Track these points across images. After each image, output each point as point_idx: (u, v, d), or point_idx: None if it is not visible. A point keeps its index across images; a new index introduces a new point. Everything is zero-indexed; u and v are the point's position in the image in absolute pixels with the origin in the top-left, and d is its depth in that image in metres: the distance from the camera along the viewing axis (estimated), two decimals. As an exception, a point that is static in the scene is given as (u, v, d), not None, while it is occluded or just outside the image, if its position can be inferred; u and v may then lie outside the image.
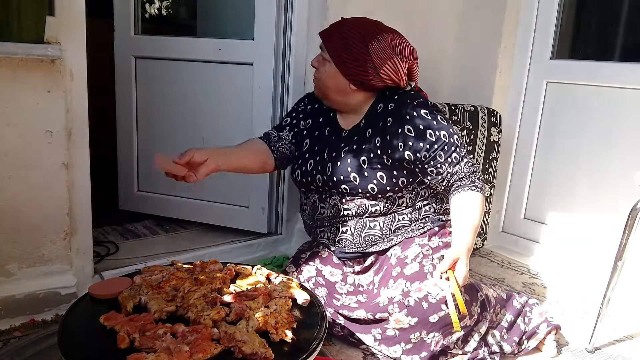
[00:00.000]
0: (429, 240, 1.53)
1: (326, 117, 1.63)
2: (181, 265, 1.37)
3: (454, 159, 1.45)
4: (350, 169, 1.50)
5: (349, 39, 1.46)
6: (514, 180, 2.40)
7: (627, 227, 1.49)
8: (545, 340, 1.53)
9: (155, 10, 3.44)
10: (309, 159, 1.59)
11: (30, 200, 1.48)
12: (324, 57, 1.50)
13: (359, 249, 1.56)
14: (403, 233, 1.55)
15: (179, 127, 2.19)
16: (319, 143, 1.60)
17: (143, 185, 2.31)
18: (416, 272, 1.45)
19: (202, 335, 1.03)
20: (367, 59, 1.45)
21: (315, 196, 1.59)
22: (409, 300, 1.37)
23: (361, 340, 1.45)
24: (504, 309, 1.53)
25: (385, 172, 1.48)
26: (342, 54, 1.46)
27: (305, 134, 1.65)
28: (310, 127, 1.65)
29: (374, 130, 1.51)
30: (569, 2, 2.23)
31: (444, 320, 1.35)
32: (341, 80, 1.49)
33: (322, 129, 1.62)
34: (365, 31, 1.46)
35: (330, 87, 1.51)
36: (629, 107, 2.01)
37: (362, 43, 1.45)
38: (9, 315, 1.49)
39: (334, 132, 1.59)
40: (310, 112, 1.67)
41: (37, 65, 1.41)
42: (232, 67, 2.07)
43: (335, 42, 1.47)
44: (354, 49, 1.45)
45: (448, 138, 1.45)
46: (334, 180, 1.51)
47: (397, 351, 1.38)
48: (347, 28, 1.47)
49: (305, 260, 1.62)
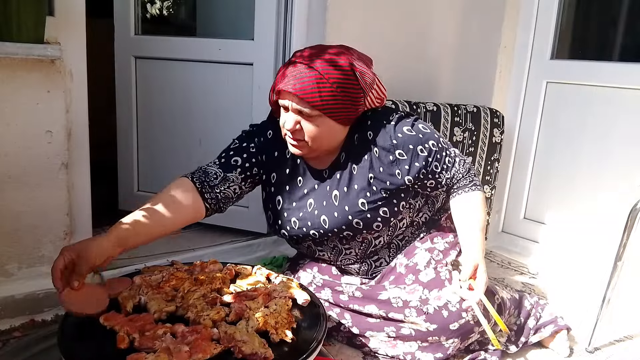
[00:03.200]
0: (433, 243, 1.50)
1: (293, 167, 1.45)
2: (181, 265, 1.37)
3: (449, 163, 1.40)
4: (351, 216, 1.39)
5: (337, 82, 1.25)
6: (514, 181, 2.40)
7: (627, 227, 1.49)
8: (555, 339, 1.53)
9: (156, 10, 3.43)
10: (290, 217, 1.44)
11: (30, 200, 1.48)
12: (307, 114, 1.27)
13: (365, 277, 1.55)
14: (400, 242, 1.53)
15: (178, 127, 2.19)
16: (296, 197, 1.45)
17: (143, 185, 2.31)
18: (433, 279, 1.41)
19: (202, 336, 1.03)
20: (358, 91, 1.30)
21: (310, 242, 1.50)
22: (428, 308, 1.35)
23: (365, 343, 1.43)
24: (517, 310, 1.52)
25: (387, 206, 1.39)
26: (336, 104, 1.27)
27: (272, 190, 1.47)
28: (279, 182, 1.46)
29: (359, 165, 1.38)
30: (569, 2, 2.23)
31: (464, 327, 1.34)
32: (336, 128, 1.33)
33: (294, 181, 1.45)
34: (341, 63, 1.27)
35: (326, 140, 1.33)
36: (629, 107, 2.01)
37: (350, 75, 1.27)
38: (9, 315, 1.49)
39: (312, 179, 1.44)
40: (272, 166, 1.46)
41: (37, 66, 1.41)
42: (232, 67, 2.07)
43: (323, 96, 1.25)
44: (347, 89, 1.28)
45: (437, 145, 1.37)
46: (335, 231, 1.42)
47: (412, 346, 1.37)
48: (321, 69, 1.25)
49: (303, 267, 1.58)
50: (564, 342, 1.52)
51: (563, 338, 1.53)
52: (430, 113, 2.04)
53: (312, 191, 1.44)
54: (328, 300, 1.47)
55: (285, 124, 1.31)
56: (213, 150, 2.16)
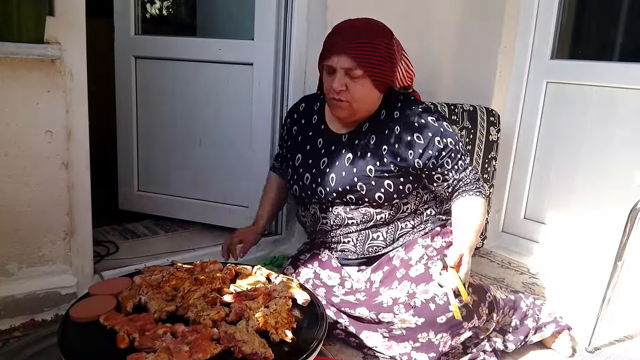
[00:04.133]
0: (432, 241, 1.53)
1: (317, 130, 1.58)
2: (181, 265, 1.37)
3: (460, 167, 1.46)
4: (357, 178, 1.46)
5: (380, 46, 1.38)
6: (514, 180, 2.40)
7: (627, 227, 1.49)
8: (558, 340, 1.53)
9: (156, 10, 3.43)
10: (304, 173, 1.55)
11: (30, 200, 1.48)
12: (353, 75, 1.38)
13: (361, 257, 1.56)
14: (405, 238, 1.55)
15: (178, 127, 2.19)
16: (313, 156, 1.55)
17: (143, 185, 2.31)
18: (421, 274, 1.44)
19: (202, 335, 1.03)
20: (394, 57, 1.42)
21: (316, 207, 1.56)
22: (415, 301, 1.37)
23: (363, 343, 1.44)
24: (512, 311, 1.52)
25: (392, 180, 1.46)
26: (379, 66, 1.39)
27: (295, 151, 1.60)
28: (300, 143, 1.60)
29: (378, 137, 1.47)
30: (569, 2, 2.23)
31: (452, 321, 1.35)
32: (373, 92, 1.43)
33: (314, 142, 1.57)
34: (380, 26, 1.43)
35: (366, 101, 1.44)
36: (629, 107, 2.01)
37: (389, 41, 1.41)
38: (9, 315, 1.49)
39: (331, 142, 1.54)
40: (298, 132, 1.62)
41: (37, 65, 1.41)
42: (232, 67, 2.07)
43: (369, 55, 1.37)
44: (387, 50, 1.39)
45: (454, 145, 1.45)
46: (339, 190, 1.48)
47: (407, 347, 1.38)
48: (370, 34, 1.38)
49: (304, 262, 1.61)
50: (567, 342, 1.53)
51: (565, 338, 1.53)
52: (430, 113, 2.04)
53: (329, 152, 1.53)
54: (324, 299, 1.49)
55: (333, 84, 1.40)
56: (213, 150, 2.17)
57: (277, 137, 2.07)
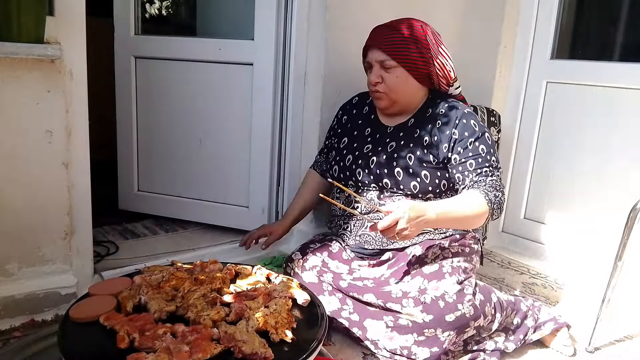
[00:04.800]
0: (449, 245, 1.53)
1: (366, 119, 1.66)
2: (181, 265, 1.37)
3: (484, 174, 1.48)
4: (396, 163, 1.52)
5: (410, 37, 1.47)
6: (514, 180, 2.40)
7: (627, 227, 1.49)
8: (556, 338, 1.53)
9: (155, 10, 3.43)
10: (347, 155, 1.62)
11: (30, 200, 1.48)
12: (387, 66, 1.49)
13: (379, 246, 1.56)
14: (425, 235, 1.55)
15: (178, 127, 2.19)
16: (359, 141, 1.63)
17: (143, 185, 2.31)
18: (435, 271, 1.45)
19: (202, 335, 1.03)
20: (427, 49, 1.48)
21: (351, 190, 1.58)
22: (425, 297, 1.37)
23: (364, 335, 1.43)
24: (514, 312, 1.53)
25: (430, 171, 1.50)
26: (409, 54, 1.47)
27: (343, 135, 1.68)
28: (349, 129, 1.68)
29: (422, 130, 1.54)
30: (569, 2, 2.23)
31: (460, 320, 1.35)
32: (411, 83, 1.51)
33: (362, 129, 1.65)
34: (414, 21, 1.52)
35: (403, 92, 1.52)
36: (629, 107, 2.01)
37: (422, 34, 1.48)
38: (9, 315, 1.48)
39: (377, 130, 1.62)
40: (347, 120, 1.71)
41: (37, 65, 1.41)
42: (232, 67, 2.07)
43: (398, 46, 1.47)
44: (418, 41, 1.47)
45: (485, 154, 1.48)
46: (377, 173, 1.54)
47: (409, 340, 1.38)
48: (400, 28, 1.48)
49: (313, 251, 1.62)
50: (566, 340, 1.53)
51: (564, 336, 1.53)
52: (430, 113, 2.04)
53: (374, 139, 1.61)
54: (331, 284, 1.51)
55: (370, 78, 1.53)
56: (213, 150, 2.17)
57: (276, 137, 2.07)
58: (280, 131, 2.07)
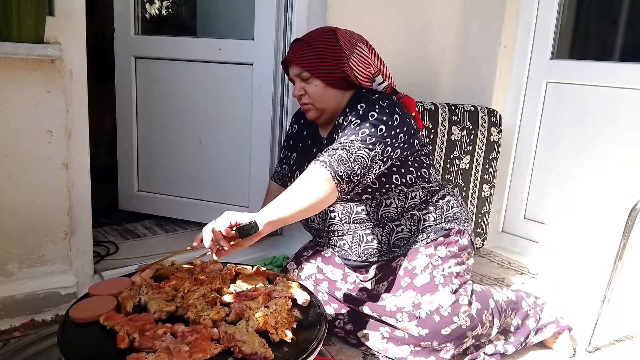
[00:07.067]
0: (436, 250, 1.51)
1: (310, 130, 1.64)
2: (181, 265, 1.37)
3: (340, 145, 1.34)
4: None
5: (319, 45, 1.45)
6: (514, 180, 2.40)
7: (627, 227, 1.49)
8: (558, 340, 1.53)
9: (155, 10, 3.43)
10: (296, 171, 1.62)
11: (30, 200, 1.48)
12: (304, 78, 1.48)
13: (360, 259, 1.56)
14: (405, 245, 1.53)
15: (178, 127, 2.19)
16: (301, 156, 1.62)
17: (143, 185, 2.31)
18: (427, 283, 1.43)
19: (202, 335, 1.02)
20: (338, 51, 1.44)
21: None
22: (420, 312, 1.36)
23: (361, 341, 1.44)
24: (514, 312, 1.52)
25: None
26: (319, 62, 1.45)
27: (293, 150, 1.67)
28: (296, 142, 1.67)
29: (342, 130, 1.45)
30: (569, 2, 2.23)
31: (456, 332, 1.34)
32: (329, 90, 1.48)
33: (306, 142, 1.64)
34: (325, 29, 1.50)
35: (327, 99, 1.49)
36: (629, 107, 2.01)
37: (330, 38, 1.45)
38: (9, 315, 1.49)
39: (315, 143, 1.60)
40: (297, 131, 1.69)
41: (37, 65, 1.41)
42: (232, 67, 2.07)
43: (308, 56, 1.45)
44: (328, 48, 1.44)
45: (359, 130, 1.36)
46: None
47: (405, 351, 1.38)
48: (309, 40, 1.47)
49: (307, 259, 1.63)
50: (567, 342, 1.53)
51: (565, 339, 1.53)
52: (428, 112, 2.04)
53: (311, 153, 1.55)
54: (327, 292, 1.52)
55: (293, 92, 1.53)
56: (213, 150, 2.17)
57: (276, 137, 2.07)
58: (280, 131, 2.07)
